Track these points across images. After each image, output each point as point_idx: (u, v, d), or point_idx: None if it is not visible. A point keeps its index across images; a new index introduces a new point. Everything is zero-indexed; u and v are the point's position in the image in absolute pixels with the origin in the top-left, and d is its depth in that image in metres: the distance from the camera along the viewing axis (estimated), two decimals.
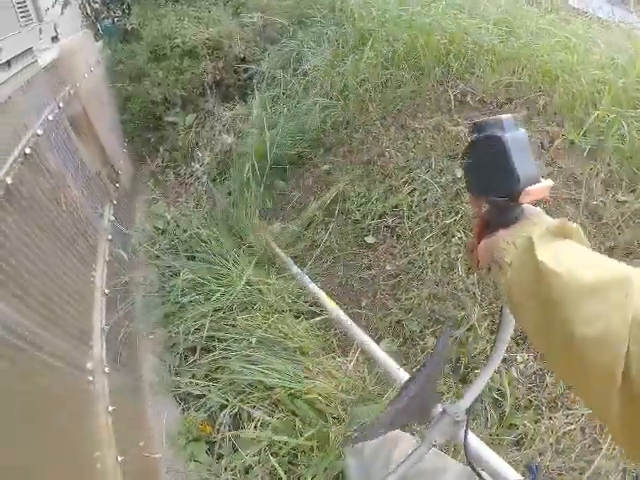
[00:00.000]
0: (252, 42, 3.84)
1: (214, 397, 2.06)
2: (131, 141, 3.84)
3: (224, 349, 2.22)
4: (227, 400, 2.03)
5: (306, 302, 2.48)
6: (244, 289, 2.46)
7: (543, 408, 1.82)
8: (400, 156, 2.61)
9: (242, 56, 3.80)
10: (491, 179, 0.62)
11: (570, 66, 2.59)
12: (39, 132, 2.17)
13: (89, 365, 1.96)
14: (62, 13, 3.05)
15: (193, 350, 2.33)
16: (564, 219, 0.57)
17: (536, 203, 0.65)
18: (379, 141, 2.73)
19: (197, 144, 3.55)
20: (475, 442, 0.86)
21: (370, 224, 2.55)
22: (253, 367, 2.08)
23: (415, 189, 2.51)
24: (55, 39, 3.01)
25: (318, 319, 2.39)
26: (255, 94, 3.53)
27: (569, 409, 1.80)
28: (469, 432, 0.81)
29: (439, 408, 0.84)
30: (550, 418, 1.79)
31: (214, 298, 2.48)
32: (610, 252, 2.18)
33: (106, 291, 2.48)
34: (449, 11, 3.08)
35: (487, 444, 1.00)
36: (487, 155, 0.61)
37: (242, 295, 2.45)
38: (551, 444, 1.73)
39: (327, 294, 2.39)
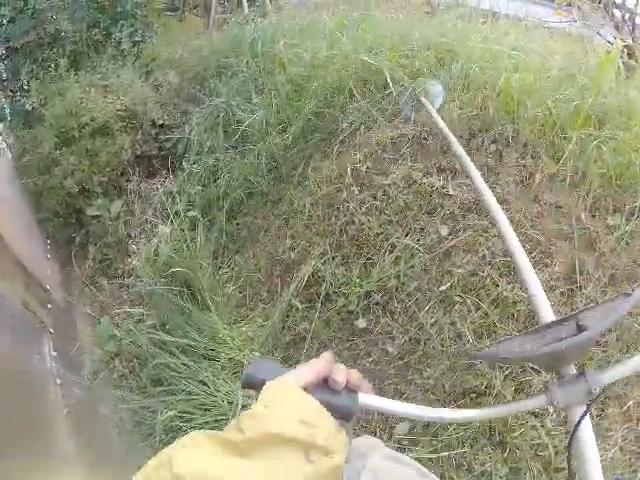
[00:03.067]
0: (170, 105, 3.41)
1: None
2: (54, 242, 3.28)
3: None
4: None
5: None
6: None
7: None
8: (372, 221, 2.30)
9: (161, 122, 3.36)
10: None
11: (529, 87, 2.40)
12: None
13: None
14: None
15: None
16: None
17: None
18: (344, 206, 2.41)
19: (129, 235, 3.06)
20: (587, 429, 0.68)
21: (357, 306, 2.23)
22: None
23: (398, 257, 2.21)
24: None
25: None
26: (184, 166, 3.10)
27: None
28: (588, 415, 0.67)
29: (576, 369, 0.71)
30: None
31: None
32: (612, 279, 2.05)
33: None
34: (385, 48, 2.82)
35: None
36: None
37: None
38: None
39: None
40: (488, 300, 2.05)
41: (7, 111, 3.73)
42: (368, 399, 0.61)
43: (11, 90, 3.78)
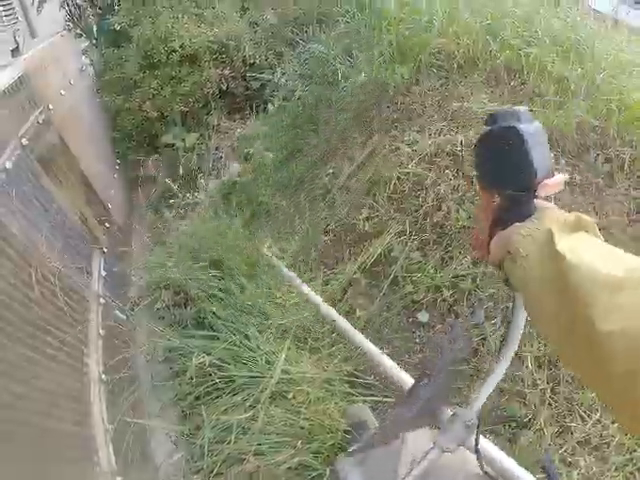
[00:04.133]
0: (264, 44, 3.26)
1: None
2: (124, 162, 3.26)
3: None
4: None
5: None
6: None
7: None
8: (462, 211, 2.16)
9: (252, 61, 3.23)
10: (506, 172, 0.59)
11: None
12: None
13: None
14: (39, 13, 2.46)
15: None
16: (579, 213, 0.53)
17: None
18: (434, 188, 2.26)
19: (200, 169, 3.01)
20: (488, 446, 0.82)
21: (424, 298, 2.12)
22: None
23: None
24: (15, 52, 2.42)
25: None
26: (269, 109, 2.99)
27: None
28: (480, 436, 0.77)
29: (449, 412, 0.79)
30: None
31: (236, 385, 2.05)
32: None
33: (104, 378, 2.06)
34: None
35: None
36: (502, 147, 0.57)
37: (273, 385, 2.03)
38: None
39: None
40: None
41: (94, 29, 3.68)
42: None
43: (100, 8, 3.71)
